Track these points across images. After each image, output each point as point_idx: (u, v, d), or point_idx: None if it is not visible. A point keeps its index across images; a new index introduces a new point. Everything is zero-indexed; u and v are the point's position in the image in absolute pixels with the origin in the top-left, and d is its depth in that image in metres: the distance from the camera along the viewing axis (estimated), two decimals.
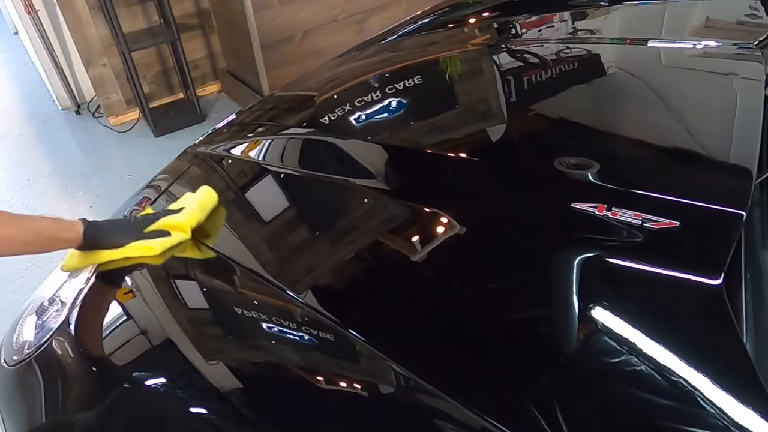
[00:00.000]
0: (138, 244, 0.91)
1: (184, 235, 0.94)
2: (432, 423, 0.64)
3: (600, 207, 0.80)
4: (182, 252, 0.95)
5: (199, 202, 0.99)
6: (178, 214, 0.95)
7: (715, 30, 1.33)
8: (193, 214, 0.96)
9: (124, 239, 0.91)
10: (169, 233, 0.93)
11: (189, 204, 0.98)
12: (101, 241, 0.91)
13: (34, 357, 0.88)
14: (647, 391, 0.59)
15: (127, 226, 0.93)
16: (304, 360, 0.76)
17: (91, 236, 0.89)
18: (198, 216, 0.97)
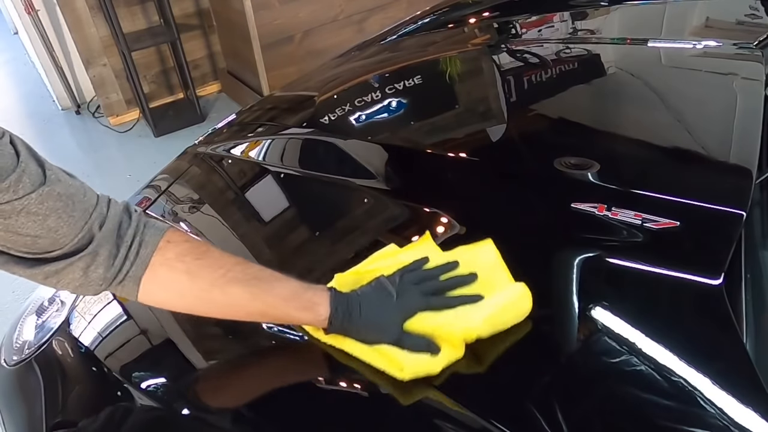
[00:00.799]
0: (389, 351, 0.65)
1: (453, 358, 0.64)
2: (432, 423, 0.64)
3: (600, 207, 0.80)
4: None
5: (505, 305, 0.67)
6: (460, 318, 0.66)
7: (715, 30, 1.33)
8: (477, 331, 0.65)
9: (378, 336, 0.66)
10: (438, 349, 0.64)
11: (483, 285, 0.69)
12: (350, 333, 0.67)
13: (34, 357, 0.88)
14: (647, 391, 0.59)
15: (386, 311, 0.66)
16: (304, 360, 0.76)
17: (337, 325, 0.66)
18: (484, 331, 0.66)
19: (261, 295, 0.64)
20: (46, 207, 0.54)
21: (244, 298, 0.63)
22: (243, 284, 0.63)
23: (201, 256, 0.62)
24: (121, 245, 0.58)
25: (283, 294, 0.65)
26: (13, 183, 0.51)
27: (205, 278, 0.62)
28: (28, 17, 2.93)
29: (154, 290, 0.61)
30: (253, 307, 0.65)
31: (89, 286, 0.58)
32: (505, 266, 0.71)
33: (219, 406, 0.74)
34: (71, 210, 0.55)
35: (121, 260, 0.58)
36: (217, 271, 0.62)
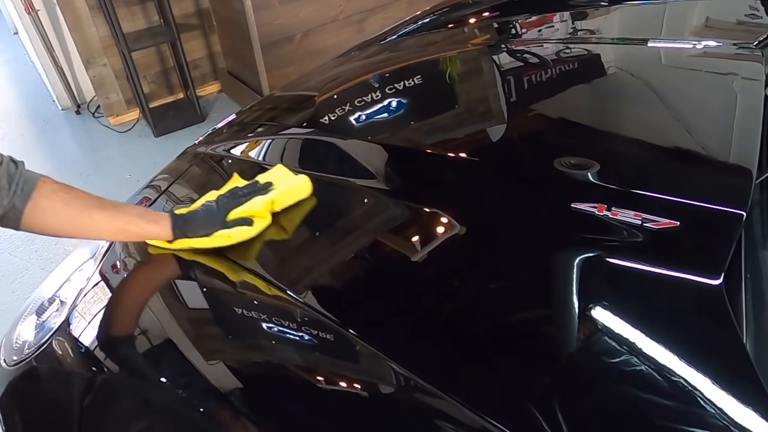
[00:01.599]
0: (220, 233, 0.91)
1: (265, 222, 0.93)
2: (432, 423, 0.64)
3: (600, 207, 0.80)
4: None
5: (289, 188, 0.97)
6: (261, 197, 0.94)
7: (715, 30, 1.33)
8: (275, 199, 0.95)
9: (209, 229, 0.91)
10: (251, 222, 0.92)
11: (278, 184, 0.98)
12: (188, 235, 0.91)
13: (34, 357, 0.88)
14: (647, 391, 0.59)
15: (211, 215, 0.91)
16: (304, 360, 0.76)
17: (178, 231, 0.90)
18: (282, 201, 0.96)
19: (119, 216, 0.86)
20: None
21: (105, 220, 0.84)
22: (103, 209, 0.84)
23: (69, 192, 0.81)
24: (12, 182, 0.75)
25: (135, 212, 0.89)
26: None
27: (75, 206, 0.81)
28: (28, 17, 2.93)
29: (36, 217, 0.77)
30: (115, 226, 0.86)
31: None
32: (289, 172, 1.01)
33: (219, 405, 0.74)
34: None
35: (11, 194, 0.75)
36: (83, 200, 0.82)
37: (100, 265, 1.00)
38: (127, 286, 0.96)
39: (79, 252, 1.08)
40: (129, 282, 0.96)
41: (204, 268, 0.96)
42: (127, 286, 0.96)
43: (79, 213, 0.81)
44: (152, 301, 0.91)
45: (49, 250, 2.27)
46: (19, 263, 2.21)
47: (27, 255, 2.25)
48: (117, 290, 0.96)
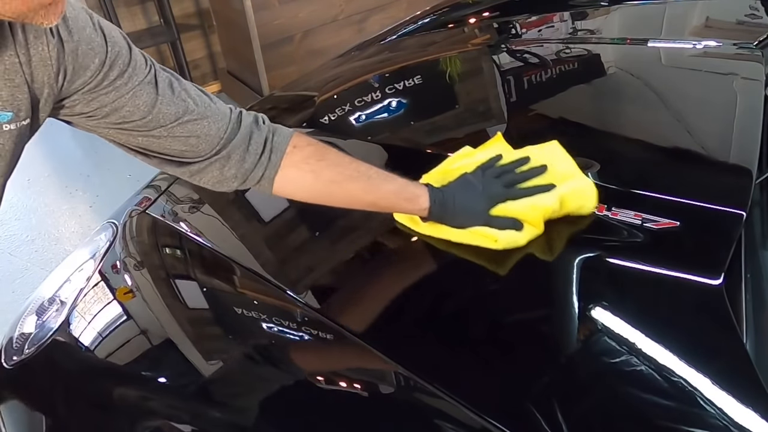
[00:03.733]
0: (482, 231, 0.78)
1: (536, 233, 0.77)
2: (432, 423, 0.64)
3: (600, 207, 0.80)
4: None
5: (579, 190, 0.79)
6: (545, 196, 0.78)
7: (715, 30, 1.33)
8: (551, 210, 0.78)
9: (469, 221, 0.79)
10: (521, 226, 0.77)
11: (553, 176, 0.80)
12: (445, 219, 0.80)
13: (34, 357, 0.88)
14: (647, 391, 0.59)
15: (473, 200, 0.79)
16: (304, 360, 0.76)
17: (435, 213, 0.79)
18: (557, 212, 0.79)
19: (373, 190, 0.78)
20: (188, 131, 0.69)
21: (359, 193, 0.78)
22: (357, 181, 0.77)
23: (322, 158, 0.77)
24: (250, 151, 0.73)
25: (391, 189, 0.79)
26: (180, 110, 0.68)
27: (327, 177, 0.76)
28: None
29: (285, 187, 0.77)
30: (367, 200, 0.79)
31: (225, 182, 0.75)
32: (571, 159, 0.83)
33: (219, 405, 0.74)
34: (209, 130, 0.70)
35: (253, 164, 0.73)
36: (335, 169, 0.77)
37: (100, 265, 1.00)
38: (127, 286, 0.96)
39: (79, 252, 1.08)
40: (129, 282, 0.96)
41: (204, 268, 0.96)
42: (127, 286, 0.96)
43: (330, 185, 0.77)
44: (152, 301, 0.91)
45: (49, 250, 2.27)
46: (19, 263, 2.21)
47: (27, 255, 2.25)
48: (117, 291, 0.96)
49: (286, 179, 0.76)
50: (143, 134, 0.68)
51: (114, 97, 0.64)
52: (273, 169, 0.75)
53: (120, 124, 0.66)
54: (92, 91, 0.63)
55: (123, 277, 0.98)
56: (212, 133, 0.71)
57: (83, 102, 0.64)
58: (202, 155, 0.71)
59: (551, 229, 0.79)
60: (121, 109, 0.65)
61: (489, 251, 0.78)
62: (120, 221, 1.08)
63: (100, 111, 0.65)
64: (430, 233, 0.82)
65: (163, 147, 0.70)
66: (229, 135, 0.72)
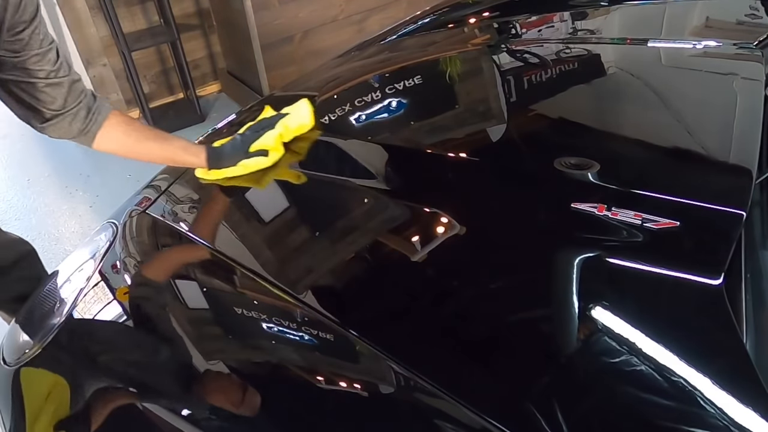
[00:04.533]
0: (242, 163, 1.08)
1: (278, 154, 1.10)
2: (432, 423, 0.64)
3: (600, 207, 0.80)
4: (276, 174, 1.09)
5: (292, 123, 1.13)
6: (270, 133, 1.11)
7: (715, 30, 1.33)
8: (280, 135, 1.11)
9: (234, 160, 1.09)
10: (266, 153, 1.09)
11: (288, 119, 1.14)
12: (220, 164, 1.09)
13: (34, 357, 0.88)
14: (647, 391, 0.60)
15: (236, 147, 1.10)
16: (304, 360, 0.76)
17: (212, 162, 1.09)
18: (286, 136, 1.13)
19: (167, 148, 1.08)
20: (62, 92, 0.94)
21: (157, 149, 1.08)
22: (155, 140, 1.07)
23: (130, 124, 1.05)
24: (90, 111, 0.98)
25: (180, 145, 1.10)
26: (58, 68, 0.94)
27: (133, 137, 1.04)
28: None
29: (104, 141, 1.01)
30: (164, 155, 1.09)
31: (70, 133, 0.98)
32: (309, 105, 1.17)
33: (219, 405, 0.74)
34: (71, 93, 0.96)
35: (89, 120, 0.98)
36: (140, 132, 1.06)
37: (100, 265, 1.00)
38: (128, 286, 0.96)
39: (79, 252, 1.08)
40: (129, 282, 0.96)
41: (204, 268, 0.96)
42: (128, 286, 0.96)
43: (137, 143, 1.05)
44: (152, 301, 0.91)
45: (49, 250, 2.27)
46: None
47: None
48: (117, 291, 0.96)
49: (104, 136, 1.00)
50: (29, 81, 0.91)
51: (25, 44, 0.87)
52: (97, 125, 0.99)
53: (21, 71, 0.89)
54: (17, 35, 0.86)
55: (123, 277, 0.98)
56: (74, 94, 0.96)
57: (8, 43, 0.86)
58: (58, 109, 0.95)
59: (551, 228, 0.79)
60: (30, 57, 0.89)
61: (490, 252, 0.78)
62: (120, 221, 1.08)
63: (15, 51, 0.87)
64: (216, 177, 1.10)
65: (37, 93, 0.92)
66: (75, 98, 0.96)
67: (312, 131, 1.15)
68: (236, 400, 0.74)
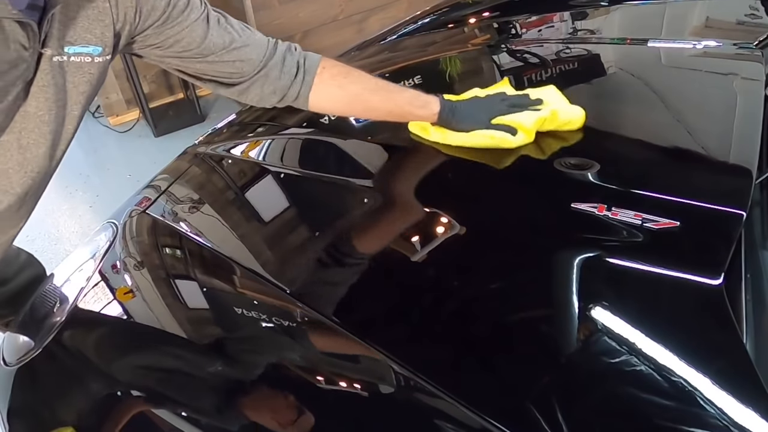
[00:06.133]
0: (482, 132, 0.95)
1: (527, 139, 0.95)
2: (432, 423, 0.64)
3: (600, 207, 0.80)
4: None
5: (563, 111, 0.97)
6: (533, 113, 0.95)
7: (715, 30, 1.34)
8: (542, 120, 0.95)
9: (473, 125, 0.96)
10: (515, 132, 0.93)
11: (548, 103, 0.98)
12: (452, 124, 0.97)
13: (34, 357, 0.88)
14: (647, 391, 0.59)
15: (478, 110, 0.97)
16: (304, 360, 0.76)
17: (444, 117, 0.97)
18: (553, 122, 0.96)
19: (391, 99, 0.97)
20: (235, 56, 0.88)
21: (379, 103, 0.97)
22: (377, 93, 0.96)
23: (347, 75, 0.94)
24: (284, 71, 0.90)
25: (406, 97, 0.97)
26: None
27: (352, 91, 0.95)
28: None
29: (318, 102, 0.93)
30: (386, 108, 0.97)
31: (266, 97, 0.92)
32: (564, 97, 1.00)
33: (219, 405, 0.74)
34: (251, 54, 0.89)
35: (290, 81, 0.91)
36: (359, 84, 0.95)
37: (100, 265, 1.00)
38: (127, 286, 0.96)
39: (79, 252, 1.08)
40: (129, 282, 0.96)
41: (204, 268, 0.96)
42: (127, 286, 0.96)
43: (354, 98, 0.95)
44: (153, 301, 0.91)
45: (49, 250, 2.27)
46: None
47: None
48: (117, 291, 0.96)
49: (318, 95, 0.92)
50: (199, 60, 0.86)
51: (176, 30, 0.81)
52: (307, 87, 0.91)
53: (181, 53, 0.84)
54: (160, 26, 0.80)
55: (123, 277, 0.98)
56: (254, 57, 0.88)
57: (153, 35, 0.81)
58: (246, 76, 0.89)
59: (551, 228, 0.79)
60: (182, 41, 0.82)
61: (490, 252, 0.78)
62: (120, 221, 1.08)
63: (165, 42, 0.82)
64: (437, 139, 0.99)
65: (215, 71, 0.88)
66: (267, 58, 0.89)
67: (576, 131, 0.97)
68: (236, 400, 0.74)
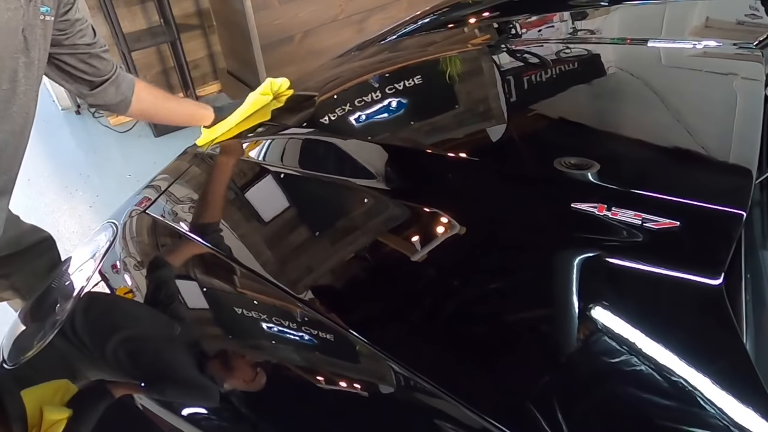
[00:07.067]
0: (243, 104, 1.30)
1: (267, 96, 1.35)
2: (432, 423, 0.64)
3: (600, 207, 0.80)
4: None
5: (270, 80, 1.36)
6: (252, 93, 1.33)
7: (715, 30, 1.34)
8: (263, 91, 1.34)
9: (234, 107, 1.30)
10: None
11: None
12: (224, 116, 1.29)
13: (34, 357, 0.88)
14: (647, 391, 0.60)
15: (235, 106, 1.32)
16: (304, 360, 0.76)
17: (217, 113, 1.29)
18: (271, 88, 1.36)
19: (185, 104, 1.34)
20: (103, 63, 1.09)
21: (177, 108, 1.30)
22: (174, 101, 1.31)
23: (152, 88, 1.23)
24: (124, 80, 1.14)
25: (192, 103, 1.36)
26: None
27: (158, 98, 1.25)
28: None
29: (137, 105, 1.18)
30: (182, 113, 1.30)
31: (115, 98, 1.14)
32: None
33: (219, 405, 0.74)
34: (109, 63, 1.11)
35: (126, 88, 1.15)
36: (161, 95, 1.26)
37: (100, 265, 1.00)
38: (127, 286, 0.96)
39: (79, 252, 1.08)
40: (129, 282, 0.96)
41: (204, 268, 0.96)
42: (127, 286, 0.96)
43: (162, 105, 1.26)
44: (152, 301, 0.91)
45: None
46: None
47: None
48: (117, 291, 0.96)
49: (137, 101, 1.17)
50: (87, 53, 1.05)
51: (80, 23, 1.02)
52: (130, 93, 1.16)
53: (76, 45, 1.03)
54: (69, 13, 0.99)
55: (123, 277, 0.98)
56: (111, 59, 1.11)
57: (64, 23, 0.99)
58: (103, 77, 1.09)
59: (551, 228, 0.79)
60: (83, 31, 1.03)
61: (491, 252, 0.78)
62: (120, 221, 1.08)
63: (71, 30, 1.00)
64: (222, 130, 1.29)
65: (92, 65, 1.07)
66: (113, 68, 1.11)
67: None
68: (237, 400, 0.74)
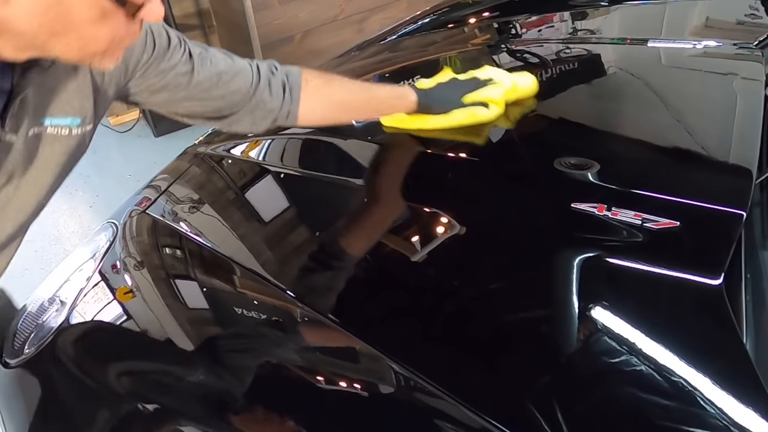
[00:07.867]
0: (460, 111, 1.01)
1: (499, 111, 1.03)
2: (432, 423, 0.64)
3: (600, 207, 0.80)
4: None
5: (516, 81, 1.06)
6: (496, 87, 1.03)
7: (715, 30, 1.33)
8: (507, 91, 1.04)
9: (448, 107, 1.01)
10: (487, 106, 1.01)
11: (504, 80, 1.05)
12: (430, 109, 1.02)
13: (33, 357, 0.88)
14: (647, 391, 0.59)
15: (449, 93, 1.02)
16: (303, 360, 0.76)
17: (422, 104, 1.01)
18: (511, 94, 1.05)
19: (373, 98, 1.00)
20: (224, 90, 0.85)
21: (363, 104, 1.00)
22: (360, 94, 0.99)
23: (329, 84, 0.95)
24: (273, 94, 0.88)
25: (385, 92, 1.02)
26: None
27: (337, 99, 0.96)
28: None
29: (307, 116, 0.92)
30: (370, 107, 1.01)
31: (257, 124, 0.90)
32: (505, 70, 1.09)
33: (219, 405, 0.74)
34: (239, 86, 0.86)
35: (279, 104, 0.88)
36: (342, 90, 0.97)
37: (100, 265, 1.00)
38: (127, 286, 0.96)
39: (79, 252, 1.08)
40: (129, 282, 0.96)
41: (204, 268, 0.96)
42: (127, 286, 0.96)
43: (341, 105, 0.97)
44: (152, 301, 0.91)
45: (49, 250, 2.27)
46: (19, 263, 2.21)
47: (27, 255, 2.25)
48: (117, 291, 0.96)
49: (307, 110, 0.91)
50: (189, 101, 0.83)
51: (160, 78, 0.78)
52: (296, 104, 0.90)
53: (169, 97, 0.82)
54: (143, 75, 0.77)
55: (123, 277, 0.98)
56: (242, 87, 0.85)
57: (137, 85, 0.78)
58: (237, 107, 0.87)
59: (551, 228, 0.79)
60: (168, 85, 0.79)
61: (490, 252, 0.78)
62: (120, 221, 1.08)
63: (152, 87, 0.79)
64: (419, 126, 1.02)
65: (205, 107, 0.85)
66: (254, 85, 0.86)
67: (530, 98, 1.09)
68: (236, 400, 0.74)
